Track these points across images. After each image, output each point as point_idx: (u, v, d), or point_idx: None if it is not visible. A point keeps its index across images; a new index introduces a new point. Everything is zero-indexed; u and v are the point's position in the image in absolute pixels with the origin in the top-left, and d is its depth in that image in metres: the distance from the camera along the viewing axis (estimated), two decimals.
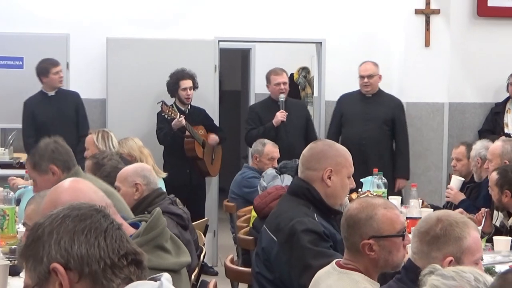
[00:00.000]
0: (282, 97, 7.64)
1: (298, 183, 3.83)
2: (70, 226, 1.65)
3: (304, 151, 3.94)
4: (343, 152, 3.86)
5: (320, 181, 3.69)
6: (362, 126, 7.27)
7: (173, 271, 2.70)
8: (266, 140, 6.79)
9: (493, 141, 6.21)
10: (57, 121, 7.07)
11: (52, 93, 7.04)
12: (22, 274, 1.92)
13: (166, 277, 1.71)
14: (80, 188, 2.77)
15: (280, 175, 5.89)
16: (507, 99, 7.51)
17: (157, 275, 1.71)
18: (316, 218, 3.49)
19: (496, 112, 7.53)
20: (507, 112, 7.50)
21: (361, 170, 5.78)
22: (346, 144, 5.53)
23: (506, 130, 7.35)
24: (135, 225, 2.92)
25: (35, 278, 1.65)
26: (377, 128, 7.30)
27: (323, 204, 3.64)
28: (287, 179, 5.47)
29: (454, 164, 6.15)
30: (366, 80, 7.17)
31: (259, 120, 7.34)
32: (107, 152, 5.23)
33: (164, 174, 5.93)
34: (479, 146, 6.05)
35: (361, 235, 2.63)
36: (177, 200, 4.63)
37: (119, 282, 1.63)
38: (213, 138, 7.38)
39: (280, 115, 7.30)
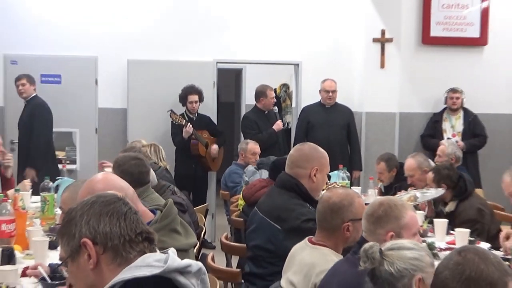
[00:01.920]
0: (275, 108, 7.81)
1: (287, 178, 3.80)
2: (97, 210, 1.73)
3: (293, 151, 3.96)
4: (325, 154, 3.87)
5: (307, 178, 3.71)
6: (326, 130, 7.23)
7: (183, 250, 2.73)
8: (248, 140, 6.79)
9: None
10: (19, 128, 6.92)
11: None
12: (59, 248, 1.90)
13: (172, 250, 1.77)
14: (112, 178, 2.78)
15: (258, 170, 5.89)
16: (444, 110, 7.54)
17: (166, 249, 1.78)
18: (310, 207, 3.51)
19: (435, 121, 7.57)
20: (444, 120, 7.52)
21: (334, 169, 5.92)
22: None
23: (444, 135, 7.35)
24: (151, 211, 2.89)
25: (68, 251, 1.73)
26: (338, 132, 7.30)
27: (308, 196, 3.65)
28: (264, 173, 5.49)
29: (378, 176, 6.08)
30: (330, 94, 7.19)
31: (257, 126, 7.33)
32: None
33: (166, 163, 5.84)
34: (451, 148, 6.02)
35: (342, 219, 2.71)
36: (175, 189, 4.61)
37: (135, 254, 1.71)
38: (214, 148, 7.33)
39: (280, 124, 7.42)
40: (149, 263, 1.68)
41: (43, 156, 6.47)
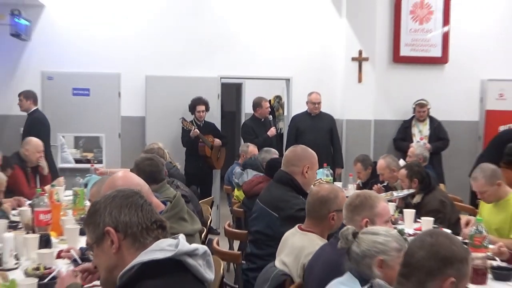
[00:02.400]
0: (270, 117, 7.84)
1: (284, 175, 3.82)
2: (118, 203, 1.74)
3: (287, 152, 4.01)
4: (314, 155, 3.92)
5: (300, 174, 3.76)
6: (313, 135, 7.22)
7: (190, 235, 2.73)
8: (248, 144, 6.78)
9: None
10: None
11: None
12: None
13: (181, 236, 1.79)
14: (130, 176, 2.78)
15: (244, 170, 5.84)
16: (412, 117, 7.56)
17: (176, 235, 1.79)
18: (303, 199, 3.53)
19: (405, 126, 7.58)
20: (413, 126, 7.54)
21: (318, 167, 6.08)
22: None
23: (413, 139, 7.38)
24: (163, 203, 2.89)
25: (94, 238, 1.75)
26: (323, 136, 7.29)
27: (301, 189, 3.69)
28: (250, 172, 5.51)
29: (357, 175, 6.04)
30: (316, 105, 7.24)
31: (254, 132, 7.36)
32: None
33: (177, 163, 5.86)
34: (419, 150, 6.04)
35: (328, 209, 2.75)
36: (179, 183, 4.62)
37: (151, 239, 1.72)
38: (218, 141, 7.33)
39: (274, 130, 7.42)
40: (162, 248, 1.69)
41: None
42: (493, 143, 6.42)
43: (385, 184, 5.22)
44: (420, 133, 7.40)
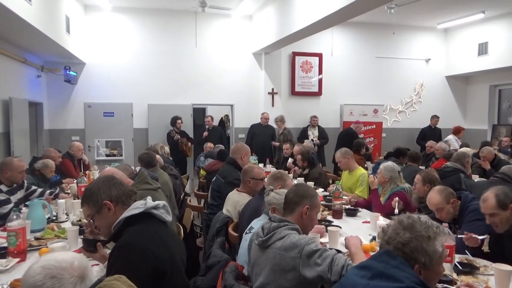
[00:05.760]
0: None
1: (230, 159, 3.71)
2: (106, 184, 1.67)
3: (233, 147, 3.81)
4: (247, 148, 3.82)
5: (240, 159, 3.68)
6: (262, 139, 7.45)
7: (154, 190, 2.73)
8: (208, 142, 6.72)
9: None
10: None
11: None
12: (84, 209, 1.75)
13: (149, 198, 1.72)
14: (113, 170, 2.71)
15: (205, 159, 5.90)
16: (308, 126, 8.09)
17: (145, 197, 1.73)
18: (239, 173, 3.28)
19: (304, 131, 8.05)
20: (309, 130, 8.01)
21: (264, 159, 6.61)
22: (256, 149, 6.70)
23: (309, 137, 7.76)
24: (153, 178, 2.77)
25: (94, 209, 1.64)
26: (269, 140, 7.54)
27: (240, 167, 3.51)
28: (209, 160, 5.53)
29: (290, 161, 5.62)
30: (266, 120, 7.63)
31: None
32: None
33: (168, 155, 5.73)
34: (310, 144, 6.15)
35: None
36: (171, 167, 4.50)
37: (131, 201, 1.68)
38: (188, 142, 7.22)
39: (206, 134, 7.13)
40: (137, 206, 1.65)
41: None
42: (340, 136, 7.40)
43: (294, 160, 5.30)
44: (313, 134, 7.94)
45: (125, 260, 1.45)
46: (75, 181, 4.22)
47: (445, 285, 1.82)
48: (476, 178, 4.77)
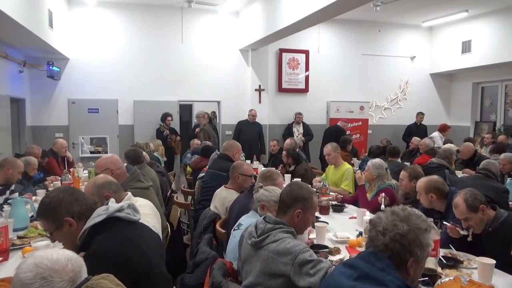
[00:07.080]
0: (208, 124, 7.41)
1: (223, 155, 3.72)
2: (67, 200, 1.58)
3: (225, 144, 3.77)
4: (238, 145, 3.82)
5: (232, 155, 3.69)
6: (249, 135, 7.43)
7: (146, 188, 2.68)
8: (195, 139, 6.59)
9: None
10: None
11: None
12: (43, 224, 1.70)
13: (111, 201, 1.67)
14: (103, 175, 2.33)
15: (192, 155, 5.84)
16: (293, 122, 8.07)
17: (108, 201, 1.65)
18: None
19: (289, 127, 8.05)
20: (294, 127, 8.02)
21: (251, 156, 6.52)
22: (244, 145, 5.94)
23: (294, 134, 7.78)
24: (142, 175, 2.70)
25: (54, 226, 1.56)
26: (255, 136, 7.54)
27: (232, 161, 3.54)
28: (195, 156, 5.43)
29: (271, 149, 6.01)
30: (253, 117, 7.63)
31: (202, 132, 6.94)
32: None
33: (163, 153, 5.98)
34: (298, 140, 6.14)
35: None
36: (158, 164, 4.47)
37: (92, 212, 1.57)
38: (178, 138, 7.36)
39: (198, 129, 7.09)
40: (99, 214, 1.59)
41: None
42: (327, 133, 7.39)
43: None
44: (298, 131, 7.94)
45: (96, 271, 1.36)
46: (59, 178, 4.20)
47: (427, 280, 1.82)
48: (459, 174, 4.84)
